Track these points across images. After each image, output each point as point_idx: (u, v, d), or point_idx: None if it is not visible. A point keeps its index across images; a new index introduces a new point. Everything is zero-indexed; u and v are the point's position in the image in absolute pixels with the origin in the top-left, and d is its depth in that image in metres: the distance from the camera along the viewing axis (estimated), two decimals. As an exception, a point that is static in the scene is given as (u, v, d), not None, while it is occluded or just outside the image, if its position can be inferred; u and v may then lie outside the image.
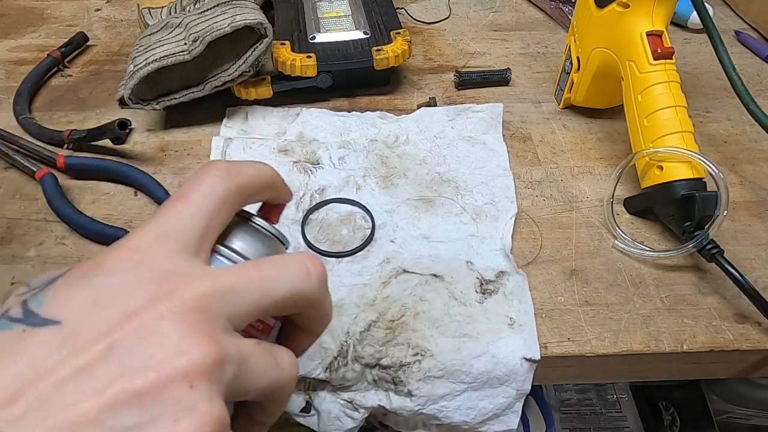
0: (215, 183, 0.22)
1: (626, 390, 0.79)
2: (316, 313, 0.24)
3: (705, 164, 0.41)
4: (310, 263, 0.23)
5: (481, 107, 0.53)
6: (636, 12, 0.45)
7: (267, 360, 0.21)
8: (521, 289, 0.40)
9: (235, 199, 0.23)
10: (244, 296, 0.21)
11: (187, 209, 0.22)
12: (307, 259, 0.23)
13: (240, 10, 0.49)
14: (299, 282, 0.22)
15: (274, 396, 0.22)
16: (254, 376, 0.20)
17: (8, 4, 0.70)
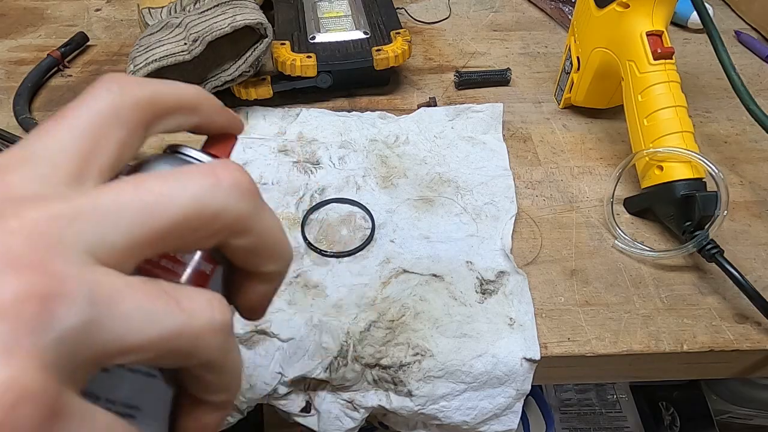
0: (102, 97, 0.17)
1: (626, 390, 0.79)
2: (250, 240, 0.18)
3: (705, 164, 0.41)
4: (221, 169, 0.17)
5: (481, 107, 0.53)
6: (636, 12, 0.45)
7: (157, 302, 0.15)
8: (521, 289, 0.40)
9: (131, 116, 0.17)
10: (116, 219, 0.15)
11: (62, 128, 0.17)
12: (219, 165, 0.17)
13: (240, 10, 0.49)
14: (203, 194, 0.16)
15: (188, 355, 0.16)
16: (130, 323, 0.14)
17: (8, 4, 0.70)
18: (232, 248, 0.18)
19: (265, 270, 0.19)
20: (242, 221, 0.17)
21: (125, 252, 0.15)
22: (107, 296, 0.14)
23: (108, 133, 0.17)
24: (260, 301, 0.20)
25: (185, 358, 0.16)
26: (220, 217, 0.16)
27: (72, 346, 0.13)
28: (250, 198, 0.17)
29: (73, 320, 0.13)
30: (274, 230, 0.18)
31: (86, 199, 0.15)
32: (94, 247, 0.14)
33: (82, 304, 0.13)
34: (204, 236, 0.16)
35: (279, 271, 0.19)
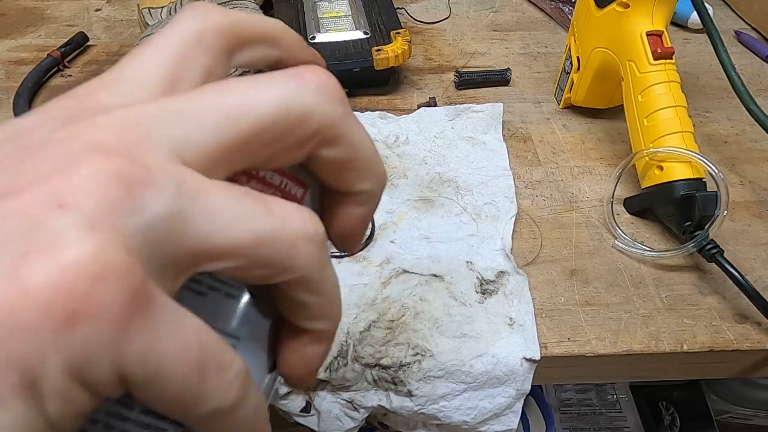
0: (186, 23, 0.17)
1: (626, 390, 0.79)
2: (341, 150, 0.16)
3: (705, 164, 0.41)
4: (307, 71, 0.16)
5: (481, 107, 0.53)
6: (636, 12, 0.45)
7: (247, 203, 0.14)
8: (521, 289, 0.40)
9: (214, 41, 0.17)
10: (202, 120, 0.14)
11: (149, 53, 0.16)
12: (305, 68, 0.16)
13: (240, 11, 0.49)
14: (289, 95, 0.15)
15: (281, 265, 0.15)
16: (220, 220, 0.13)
17: (8, 4, 0.70)
18: (323, 162, 0.17)
19: (359, 188, 0.18)
20: (332, 126, 0.16)
21: (211, 156, 0.14)
22: (195, 190, 0.13)
23: (193, 57, 0.17)
24: (354, 228, 0.19)
25: (279, 271, 0.15)
26: (308, 120, 0.15)
27: (159, 237, 0.13)
28: (338, 102, 0.16)
29: (160, 208, 0.13)
30: (365, 141, 0.17)
31: (172, 101, 0.15)
32: (180, 147, 0.14)
33: (170, 194, 0.13)
34: (293, 144, 0.16)
35: (373, 191, 0.18)
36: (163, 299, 0.13)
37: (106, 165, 0.12)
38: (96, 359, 0.12)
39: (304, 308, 0.16)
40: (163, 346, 0.12)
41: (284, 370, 0.18)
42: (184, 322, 0.13)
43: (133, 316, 0.12)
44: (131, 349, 0.12)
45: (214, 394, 0.14)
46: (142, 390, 0.13)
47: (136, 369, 0.12)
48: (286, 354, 0.18)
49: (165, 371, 0.13)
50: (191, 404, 0.13)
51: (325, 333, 0.17)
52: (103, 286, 0.11)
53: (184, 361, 0.13)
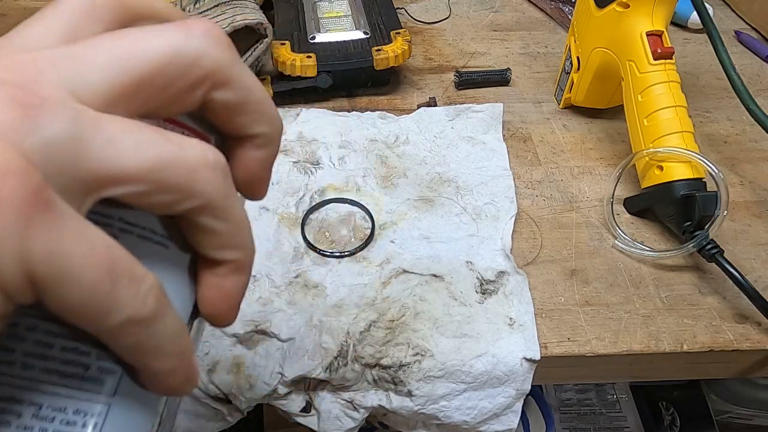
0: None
1: (626, 390, 0.79)
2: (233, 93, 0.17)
3: (705, 164, 0.41)
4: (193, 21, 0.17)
5: (481, 107, 0.53)
6: (636, 12, 0.45)
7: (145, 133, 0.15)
8: (521, 289, 0.40)
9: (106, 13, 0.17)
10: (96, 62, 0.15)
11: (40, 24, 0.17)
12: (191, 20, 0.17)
13: (240, 10, 0.49)
14: (178, 41, 0.16)
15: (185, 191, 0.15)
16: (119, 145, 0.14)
17: (8, 4, 0.70)
18: (218, 106, 0.17)
19: (255, 131, 0.18)
20: (221, 69, 0.17)
21: (106, 96, 0.15)
22: (92, 118, 0.14)
23: (83, 29, 0.17)
24: (257, 172, 0.19)
25: (182, 196, 0.15)
26: (198, 63, 0.16)
27: (57, 158, 0.13)
28: (226, 46, 0.17)
29: (57, 130, 0.13)
30: (256, 85, 0.18)
31: (66, 47, 0.15)
32: (76, 87, 0.14)
33: (66, 118, 0.13)
34: (185, 87, 0.16)
35: (270, 134, 0.19)
36: (66, 207, 0.13)
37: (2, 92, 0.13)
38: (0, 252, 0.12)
39: (215, 236, 0.17)
40: (68, 247, 0.13)
41: (205, 308, 0.18)
42: (90, 230, 0.13)
43: (35, 211, 0.12)
44: (35, 246, 0.12)
45: (126, 302, 0.14)
46: (51, 294, 0.13)
47: (42, 267, 0.12)
48: (204, 291, 0.18)
49: (72, 272, 0.13)
50: (103, 311, 0.13)
51: (240, 263, 0.18)
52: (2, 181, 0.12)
53: (92, 264, 0.13)
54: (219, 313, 0.18)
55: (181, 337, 0.16)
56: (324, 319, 0.38)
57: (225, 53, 0.17)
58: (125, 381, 0.16)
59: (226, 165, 0.16)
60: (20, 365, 0.14)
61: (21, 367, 0.14)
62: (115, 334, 0.14)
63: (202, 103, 0.17)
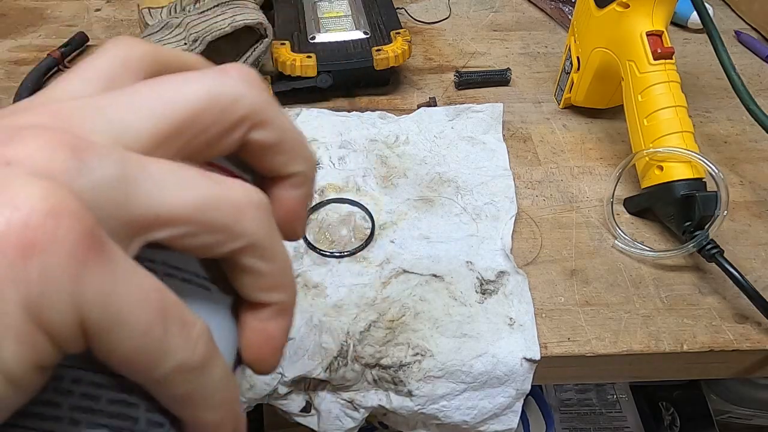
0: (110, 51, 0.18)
1: (626, 390, 0.79)
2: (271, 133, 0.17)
3: (705, 164, 0.41)
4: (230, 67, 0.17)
5: (481, 107, 0.53)
6: (636, 12, 0.45)
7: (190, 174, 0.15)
8: (521, 289, 0.40)
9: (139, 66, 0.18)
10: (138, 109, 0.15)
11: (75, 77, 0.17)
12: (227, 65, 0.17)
13: (240, 10, 0.49)
14: (217, 85, 0.16)
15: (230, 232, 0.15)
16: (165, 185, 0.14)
17: (8, 4, 0.70)
18: (255, 147, 0.17)
19: (292, 170, 0.18)
20: (258, 110, 0.17)
21: (148, 141, 0.15)
22: (138, 160, 0.14)
23: (118, 81, 0.17)
24: (295, 211, 0.19)
25: (227, 237, 0.15)
26: (236, 106, 0.16)
27: (106, 200, 0.13)
28: (261, 89, 0.17)
29: (105, 172, 0.13)
30: (291, 126, 0.18)
31: (107, 95, 0.15)
32: (118, 133, 0.14)
33: (114, 160, 0.13)
34: (224, 129, 0.16)
35: (306, 172, 0.19)
36: (118, 249, 0.13)
37: (50, 135, 0.13)
38: (53, 295, 0.11)
39: (259, 277, 0.17)
40: (121, 291, 0.12)
41: (248, 354, 0.18)
42: (142, 274, 0.13)
43: (89, 254, 0.12)
44: (89, 290, 0.12)
45: (178, 348, 0.13)
46: (102, 341, 0.12)
47: (95, 313, 0.12)
48: (248, 336, 0.18)
49: (125, 317, 0.12)
50: (155, 358, 0.13)
51: (284, 305, 0.17)
52: (56, 220, 0.11)
53: (145, 309, 0.13)
54: (263, 359, 0.18)
55: (229, 385, 0.15)
56: (324, 319, 0.38)
57: (261, 95, 0.17)
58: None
59: (269, 204, 0.16)
60: (68, 421, 0.13)
61: (69, 423, 0.13)
62: (165, 383, 0.14)
63: (240, 144, 0.17)
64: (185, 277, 0.16)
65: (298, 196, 0.19)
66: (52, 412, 0.13)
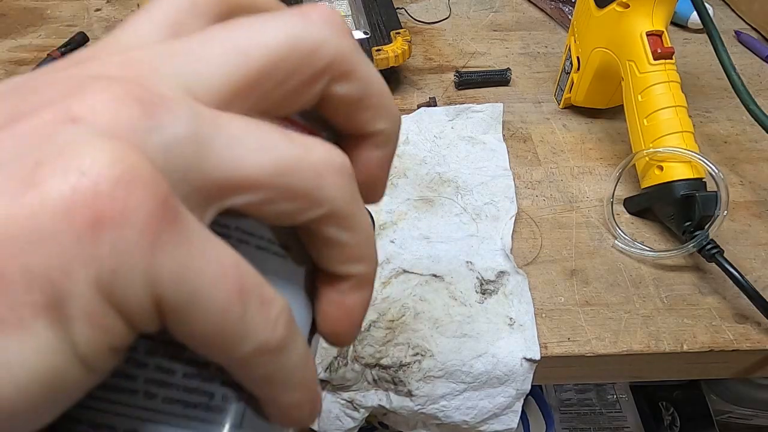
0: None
1: (626, 390, 0.79)
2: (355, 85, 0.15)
3: (705, 164, 0.41)
4: (310, 7, 0.15)
5: (481, 107, 0.53)
6: (636, 12, 0.45)
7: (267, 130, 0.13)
8: (521, 289, 0.40)
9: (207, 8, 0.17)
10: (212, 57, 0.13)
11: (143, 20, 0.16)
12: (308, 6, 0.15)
13: None
14: (297, 29, 0.14)
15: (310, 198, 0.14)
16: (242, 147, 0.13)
17: (8, 4, 0.70)
18: (337, 100, 0.16)
19: (376, 128, 0.17)
20: (343, 59, 0.15)
21: (223, 93, 0.13)
22: (212, 117, 0.12)
23: (187, 24, 0.16)
24: (377, 173, 0.17)
25: (307, 204, 0.14)
26: (318, 52, 0.14)
27: (180, 161, 0.12)
28: (346, 33, 0.15)
29: (180, 129, 0.12)
30: (377, 76, 0.16)
31: (179, 41, 0.14)
32: (191, 83, 0.13)
33: (188, 117, 0.12)
34: (305, 80, 0.15)
35: (390, 130, 0.17)
36: (193, 219, 0.12)
37: (118, 88, 0.12)
38: (126, 273, 0.10)
39: (340, 249, 0.15)
40: (198, 266, 0.11)
41: (325, 327, 0.16)
42: (219, 246, 0.12)
43: (163, 226, 0.11)
44: (164, 266, 0.11)
45: (258, 329, 0.12)
46: (179, 321, 0.12)
47: (171, 291, 0.11)
48: (325, 308, 0.16)
49: (203, 295, 0.11)
50: (234, 339, 0.12)
51: (364, 278, 0.16)
52: (128, 189, 0.10)
53: (223, 286, 0.12)
54: (341, 332, 0.17)
55: (308, 365, 0.14)
56: (324, 319, 0.38)
57: (346, 41, 0.15)
58: (250, 411, 0.14)
59: (352, 168, 0.15)
60: (143, 394, 0.13)
61: (144, 397, 0.13)
62: (244, 363, 0.13)
63: (320, 98, 0.15)
64: (260, 244, 0.15)
65: (381, 157, 0.17)
66: (126, 384, 0.13)
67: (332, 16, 0.15)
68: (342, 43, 0.15)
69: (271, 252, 0.15)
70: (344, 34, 0.15)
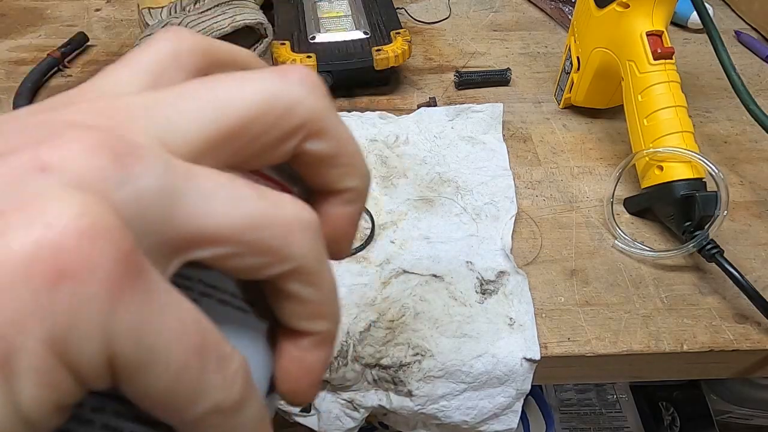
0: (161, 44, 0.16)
1: (626, 390, 0.79)
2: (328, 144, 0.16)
3: (705, 164, 0.41)
4: (288, 67, 0.15)
5: (481, 107, 0.53)
6: (636, 12, 0.45)
7: (238, 187, 0.13)
8: (521, 289, 0.40)
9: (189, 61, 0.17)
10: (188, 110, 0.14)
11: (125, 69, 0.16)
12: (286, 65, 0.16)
13: (240, 10, 0.49)
14: (274, 87, 0.15)
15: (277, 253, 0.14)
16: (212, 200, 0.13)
17: (8, 4, 0.70)
18: (310, 157, 0.16)
19: (346, 185, 0.17)
20: (317, 118, 0.15)
21: (197, 146, 0.13)
22: (185, 170, 0.12)
23: (167, 76, 0.16)
24: (346, 228, 0.18)
25: (274, 259, 0.14)
26: (294, 111, 0.15)
27: (149, 213, 0.12)
28: (322, 95, 0.16)
29: (150, 182, 0.12)
30: (349, 136, 0.17)
31: (156, 93, 0.14)
32: (165, 135, 0.13)
33: (160, 169, 0.12)
34: (279, 137, 0.15)
35: (360, 188, 0.17)
36: (156, 274, 0.12)
37: (91, 137, 0.11)
38: (82, 329, 0.10)
39: (303, 305, 0.15)
40: (157, 324, 0.11)
41: (283, 384, 0.16)
42: (180, 303, 0.12)
43: (125, 282, 0.11)
44: (123, 323, 0.11)
45: (215, 388, 0.12)
46: (133, 379, 0.11)
47: (127, 348, 0.11)
48: (285, 364, 0.16)
49: (160, 354, 0.11)
50: (189, 399, 0.12)
51: (326, 335, 0.16)
52: (92, 243, 0.10)
53: (182, 345, 0.11)
54: (299, 391, 0.16)
55: (264, 424, 0.14)
56: (324, 319, 0.38)
57: (322, 101, 0.16)
58: None
59: (320, 225, 0.15)
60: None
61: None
62: (198, 424, 0.12)
63: (293, 154, 0.16)
64: (222, 298, 0.15)
65: (349, 214, 0.18)
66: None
67: (310, 76, 0.15)
68: (318, 104, 0.15)
69: (234, 306, 0.15)
70: (320, 95, 0.15)
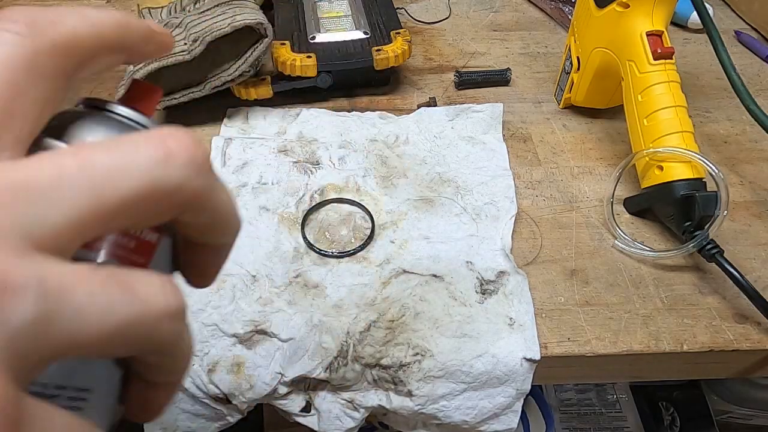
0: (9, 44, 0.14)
1: (626, 390, 0.79)
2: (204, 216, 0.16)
3: (705, 164, 0.41)
4: (172, 140, 0.14)
5: (481, 107, 0.53)
6: (636, 12, 0.45)
7: (112, 291, 0.13)
8: (521, 289, 0.40)
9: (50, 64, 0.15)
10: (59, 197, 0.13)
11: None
12: (169, 136, 0.15)
13: (240, 10, 0.49)
14: (157, 170, 0.14)
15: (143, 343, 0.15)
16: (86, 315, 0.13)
17: (8, 4, 0.70)
18: (184, 224, 0.17)
19: (218, 243, 0.18)
20: (198, 199, 0.15)
21: (68, 233, 0.13)
22: (57, 288, 0.13)
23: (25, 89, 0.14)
24: (210, 271, 0.19)
25: (140, 347, 0.15)
26: (176, 195, 0.15)
27: (26, 344, 0.12)
28: (206, 174, 0.15)
29: (25, 316, 0.12)
30: (227, 205, 0.17)
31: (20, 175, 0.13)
32: (32, 230, 0.13)
33: (33, 298, 0.12)
34: (155, 215, 0.15)
35: (230, 241, 0.18)
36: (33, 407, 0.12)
37: None
38: None
39: (159, 371, 0.17)
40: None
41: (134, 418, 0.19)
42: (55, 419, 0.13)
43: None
44: None
45: None
46: None
47: None
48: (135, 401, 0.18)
49: None
50: None
51: (175, 383, 0.18)
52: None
53: None
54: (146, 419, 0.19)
55: None
56: (324, 319, 0.38)
57: (205, 180, 0.15)
58: None
59: (185, 306, 0.16)
60: None
61: None
62: None
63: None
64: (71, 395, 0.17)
65: (216, 262, 0.19)
66: None
67: (195, 153, 0.15)
68: (201, 183, 0.15)
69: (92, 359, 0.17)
70: (204, 173, 0.15)
